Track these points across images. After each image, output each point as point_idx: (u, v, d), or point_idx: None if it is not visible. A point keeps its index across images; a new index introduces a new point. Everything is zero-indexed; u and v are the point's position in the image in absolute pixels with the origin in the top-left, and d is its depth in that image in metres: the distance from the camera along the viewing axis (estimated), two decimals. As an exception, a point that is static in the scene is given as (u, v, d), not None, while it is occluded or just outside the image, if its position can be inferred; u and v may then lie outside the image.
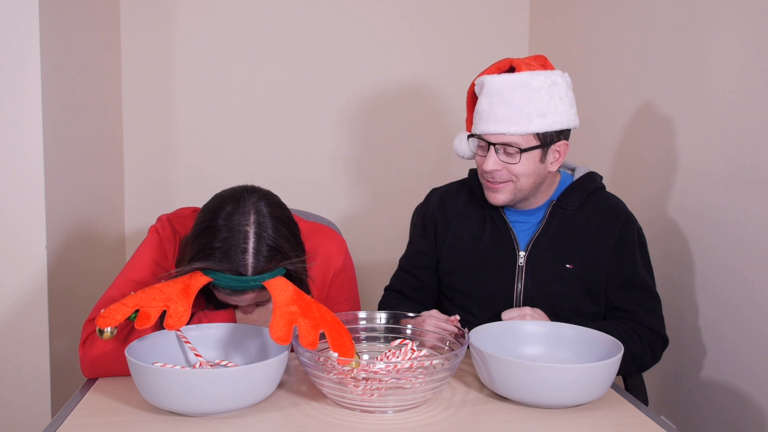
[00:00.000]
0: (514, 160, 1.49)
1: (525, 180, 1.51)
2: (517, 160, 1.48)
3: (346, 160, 2.70)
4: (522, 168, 1.49)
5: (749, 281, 1.59)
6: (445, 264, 1.66)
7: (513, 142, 1.47)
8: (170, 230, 1.47)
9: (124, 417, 1.19)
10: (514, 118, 1.46)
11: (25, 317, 1.88)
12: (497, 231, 1.61)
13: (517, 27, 2.74)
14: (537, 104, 1.46)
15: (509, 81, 1.47)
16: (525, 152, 1.48)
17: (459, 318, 1.42)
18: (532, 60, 1.54)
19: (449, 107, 2.71)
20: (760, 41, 1.55)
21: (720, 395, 1.68)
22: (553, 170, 1.55)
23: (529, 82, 1.47)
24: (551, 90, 1.48)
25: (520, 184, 1.52)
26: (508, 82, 1.47)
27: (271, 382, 1.21)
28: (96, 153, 2.29)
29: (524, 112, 1.46)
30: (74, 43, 2.09)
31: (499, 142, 1.48)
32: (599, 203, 1.59)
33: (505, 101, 1.47)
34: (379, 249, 2.72)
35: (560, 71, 1.53)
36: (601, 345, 1.32)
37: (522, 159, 1.48)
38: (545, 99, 1.47)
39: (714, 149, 1.70)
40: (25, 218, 1.86)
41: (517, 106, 1.46)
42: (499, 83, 1.48)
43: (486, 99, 1.50)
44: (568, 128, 1.53)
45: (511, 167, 1.49)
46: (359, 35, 2.65)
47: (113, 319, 1.19)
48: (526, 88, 1.46)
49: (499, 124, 1.47)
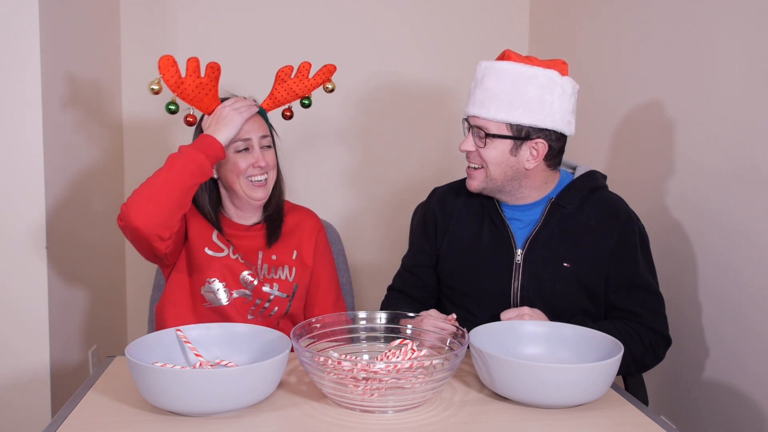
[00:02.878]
0: (481, 144, 1.53)
1: (494, 169, 1.54)
2: (484, 144, 1.52)
3: (345, 160, 2.70)
4: (489, 155, 1.53)
5: (750, 281, 1.59)
6: (444, 263, 1.66)
7: (483, 126, 1.52)
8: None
9: (124, 417, 1.19)
10: (487, 102, 1.51)
11: (25, 317, 1.88)
12: (495, 229, 1.61)
13: (517, 27, 2.74)
14: (513, 94, 1.48)
15: (493, 66, 1.52)
16: (490, 137, 1.51)
17: (456, 317, 1.42)
18: (544, 61, 1.53)
19: (449, 108, 2.71)
20: (760, 41, 1.55)
21: (720, 395, 1.68)
22: (530, 168, 1.54)
23: (512, 71, 1.49)
24: (541, 87, 1.48)
25: (489, 173, 1.54)
26: (492, 68, 1.53)
27: (271, 382, 1.21)
28: (96, 152, 2.29)
29: (497, 98, 1.49)
30: (74, 41, 2.09)
31: (474, 124, 1.54)
32: (600, 202, 1.58)
33: (485, 85, 1.52)
34: (379, 249, 2.73)
35: (569, 78, 1.52)
36: (601, 345, 1.32)
37: (489, 145, 1.52)
38: (524, 92, 1.48)
39: (714, 148, 1.70)
40: (25, 218, 1.86)
41: (492, 91, 1.50)
42: (485, 67, 1.54)
43: (473, 82, 1.57)
44: (552, 130, 1.51)
45: (480, 151, 1.53)
46: (359, 35, 2.65)
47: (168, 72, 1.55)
48: (507, 76, 1.50)
49: (474, 106, 1.53)
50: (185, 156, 1.48)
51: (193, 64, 1.57)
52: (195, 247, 1.61)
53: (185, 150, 1.50)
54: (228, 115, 1.57)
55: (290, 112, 1.75)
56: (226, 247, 1.63)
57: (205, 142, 1.52)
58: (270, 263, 1.66)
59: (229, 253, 1.62)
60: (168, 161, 1.49)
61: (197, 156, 1.48)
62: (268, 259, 1.67)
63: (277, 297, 1.63)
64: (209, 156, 1.50)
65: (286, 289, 1.65)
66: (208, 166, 1.50)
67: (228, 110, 1.57)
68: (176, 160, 1.48)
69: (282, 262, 1.68)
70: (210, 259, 1.61)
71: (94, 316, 2.26)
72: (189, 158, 1.48)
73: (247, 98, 1.64)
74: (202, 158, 1.48)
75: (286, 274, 1.66)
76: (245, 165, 1.60)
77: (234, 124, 1.56)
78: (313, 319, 1.37)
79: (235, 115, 1.56)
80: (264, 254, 1.67)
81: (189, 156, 1.48)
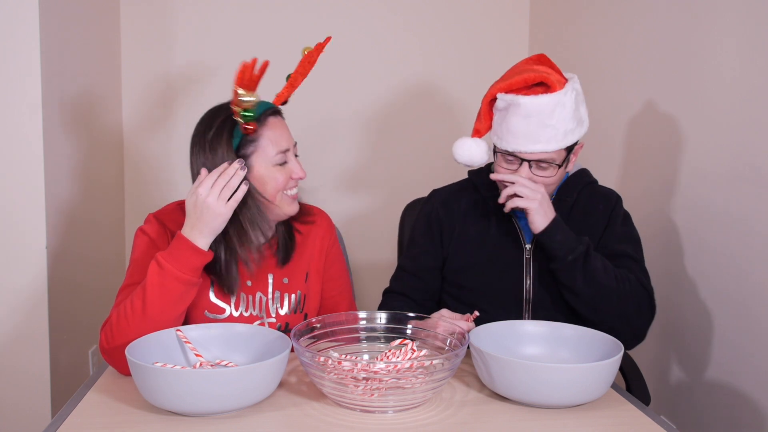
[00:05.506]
0: (548, 174, 1.53)
1: (551, 188, 1.57)
2: (553, 173, 1.53)
3: (345, 160, 2.70)
4: (554, 179, 1.54)
5: (751, 280, 1.59)
6: (452, 262, 1.66)
7: (549, 159, 1.51)
8: (158, 225, 1.45)
9: (124, 417, 1.19)
10: (551, 137, 1.49)
11: (25, 317, 1.88)
12: (503, 226, 1.62)
13: (518, 27, 2.74)
14: (570, 120, 1.50)
15: (546, 103, 1.48)
16: (559, 166, 1.52)
17: (478, 314, 1.45)
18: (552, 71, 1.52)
19: (449, 109, 2.71)
20: (760, 41, 1.55)
21: (720, 395, 1.68)
22: (571, 170, 1.61)
23: (564, 102, 1.49)
24: (576, 100, 1.52)
25: (549, 190, 1.56)
26: (546, 104, 1.48)
27: (271, 382, 1.21)
28: (96, 152, 2.29)
29: (560, 131, 1.50)
30: (74, 41, 2.09)
31: (534, 159, 1.51)
32: (593, 194, 1.65)
33: (544, 123, 1.48)
34: (379, 249, 2.72)
35: (571, 74, 1.54)
36: (601, 345, 1.32)
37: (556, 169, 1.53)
38: (574, 112, 1.51)
39: (714, 148, 1.70)
40: (25, 218, 1.86)
41: (555, 127, 1.49)
42: (537, 105, 1.49)
43: (520, 119, 1.50)
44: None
45: (544, 179, 1.53)
46: (360, 39, 2.65)
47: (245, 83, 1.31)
48: (562, 108, 1.49)
49: (538, 144, 1.49)
50: (165, 287, 1.28)
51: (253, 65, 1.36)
52: (192, 312, 1.43)
53: (164, 275, 1.28)
54: (209, 212, 1.29)
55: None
56: (227, 305, 1.45)
57: (182, 255, 1.29)
58: (282, 289, 1.50)
59: (231, 311, 1.45)
60: (148, 288, 1.28)
61: (176, 285, 1.28)
62: (280, 284, 1.50)
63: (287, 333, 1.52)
64: (191, 270, 1.30)
65: (296, 323, 1.48)
66: (193, 284, 1.31)
67: (211, 203, 1.29)
68: (154, 291, 1.28)
69: (294, 287, 1.51)
70: (211, 322, 1.43)
71: (94, 316, 2.26)
72: (168, 288, 1.28)
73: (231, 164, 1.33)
74: (185, 282, 1.29)
75: (295, 305, 1.51)
76: (284, 178, 1.41)
77: (218, 223, 1.30)
78: (313, 319, 1.37)
79: (219, 210, 1.29)
80: (275, 278, 1.49)
81: (168, 286, 1.28)
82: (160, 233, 1.44)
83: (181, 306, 1.32)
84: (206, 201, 1.29)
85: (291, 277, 1.52)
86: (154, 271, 1.29)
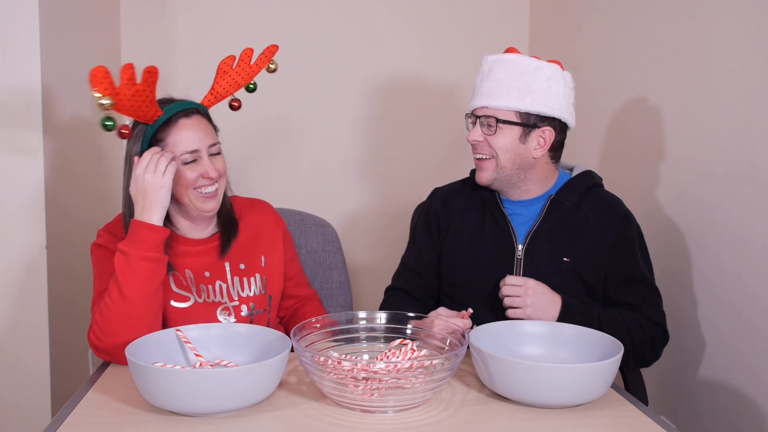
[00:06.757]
0: (491, 132, 1.56)
1: (503, 156, 1.57)
2: (494, 131, 1.56)
3: (345, 160, 2.70)
4: (499, 142, 1.56)
5: (749, 280, 1.59)
6: (446, 260, 1.67)
7: (493, 115, 1.56)
8: (109, 236, 1.52)
9: (124, 417, 1.19)
10: (496, 92, 1.56)
11: (25, 317, 1.88)
12: (496, 225, 1.63)
13: (517, 27, 2.74)
14: (520, 83, 1.54)
15: (501, 58, 1.59)
16: (501, 123, 1.55)
17: (472, 311, 1.45)
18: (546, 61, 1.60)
19: (449, 108, 2.71)
20: (760, 39, 1.55)
21: (720, 395, 1.68)
22: (538, 156, 1.58)
23: (520, 62, 1.56)
24: (547, 78, 1.55)
25: (500, 161, 1.57)
26: (500, 60, 1.59)
27: (271, 382, 1.21)
28: (96, 152, 2.29)
29: (506, 87, 1.55)
30: (74, 41, 2.09)
31: (482, 114, 1.58)
32: (598, 200, 1.62)
33: (492, 77, 1.57)
34: (378, 249, 2.72)
35: (568, 72, 1.60)
36: (601, 345, 1.32)
37: (499, 132, 1.56)
38: (533, 81, 1.54)
39: (713, 147, 1.70)
40: (25, 218, 1.86)
41: (500, 81, 1.56)
42: (493, 60, 1.60)
43: (479, 76, 1.61)
44: (558, 119, 1.57)
45: (490, 139, 1.57)
46: (360, 36, 2.65)
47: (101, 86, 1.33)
48: (514, 67, 1.56)
49: (483, 98, 1.58)
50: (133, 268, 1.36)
51: (128, 72, 1.35)
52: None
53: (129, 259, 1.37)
54: (151, 186, 1.40)
55: (238, 103, 1.63)
56: (189, 293, 1.51)
57: (141, 236, 1.38)
58: (240, 274, 1.56)
59: (194, 298, 1.52)
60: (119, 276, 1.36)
61: (144, 264, 1.36)
62: (237, 269, 1.57)
63: (256, 315, 1.57)
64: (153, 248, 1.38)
65: (262, 304, 1.58)
66: (159, 259, 1.39)
67: (149, 179, 1.40)
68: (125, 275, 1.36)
69: (251, 271, 1.58)
70: (178, 311, 1.49)
71: (94, 316, 2.26)
72: (137, 269, 1.36)
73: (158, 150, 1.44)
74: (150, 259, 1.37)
75: (258, 287, 1.58)
76: (194, 176, 1.47)
77: (162, 195, 1.40)
78: (313, 319, 1.37)
79: (159, 182, 1.40)
80: (231, 265, 1.56)
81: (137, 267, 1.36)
82: (114, 242, 1.47)
83: (155, 280, 1.39)
84: (144, 177, 1.40)
85: (247, 262, 1.59)
86: (120, 260, 1.38)
